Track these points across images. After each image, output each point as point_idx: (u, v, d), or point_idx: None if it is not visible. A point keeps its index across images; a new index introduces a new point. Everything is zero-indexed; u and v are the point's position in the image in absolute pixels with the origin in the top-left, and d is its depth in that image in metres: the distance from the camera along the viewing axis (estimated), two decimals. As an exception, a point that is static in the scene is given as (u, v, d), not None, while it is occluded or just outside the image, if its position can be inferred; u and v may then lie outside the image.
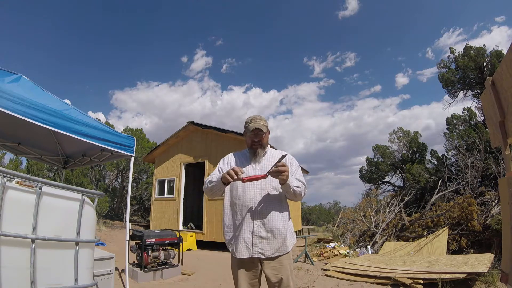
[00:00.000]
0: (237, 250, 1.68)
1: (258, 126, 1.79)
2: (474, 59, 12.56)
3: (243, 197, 1.72)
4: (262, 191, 1.72)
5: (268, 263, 1.68)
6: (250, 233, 1.67)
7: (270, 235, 1.67)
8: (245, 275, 1.71)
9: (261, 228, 1.67)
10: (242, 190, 1.74)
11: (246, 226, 1.68)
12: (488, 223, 6.28)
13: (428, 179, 12.26)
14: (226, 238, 1.78)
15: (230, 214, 1.79)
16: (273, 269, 1.68)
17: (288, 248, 1.74)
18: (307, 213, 29.25)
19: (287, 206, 1.83)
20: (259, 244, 1.65)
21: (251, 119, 1.85)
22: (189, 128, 9.55)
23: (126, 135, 3.79)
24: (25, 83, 3.27)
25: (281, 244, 1.69)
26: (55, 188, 1.80)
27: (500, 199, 2.48)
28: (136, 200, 15.05)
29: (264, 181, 1.72)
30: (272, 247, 1.66)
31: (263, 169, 1.77)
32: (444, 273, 3.95)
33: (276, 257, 1.68)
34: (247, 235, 1.67)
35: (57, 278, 1.71)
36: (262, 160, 1.83)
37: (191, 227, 9.45)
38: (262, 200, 1.71)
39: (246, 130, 1.86)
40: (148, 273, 4.44)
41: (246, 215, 1.69)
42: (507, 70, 1.52)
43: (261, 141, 1.82)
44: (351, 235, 8.27)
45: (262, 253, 1.65)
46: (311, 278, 4.80)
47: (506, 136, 1.62)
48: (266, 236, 1.66)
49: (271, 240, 1.66)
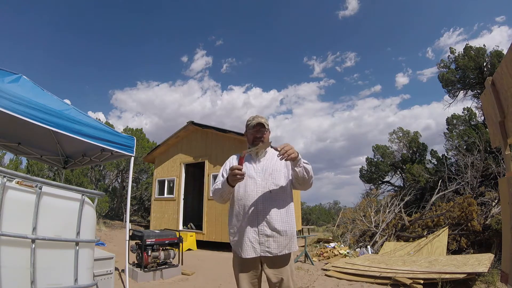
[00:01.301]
0: (242, 251, 1.67)
1: (260, 121, 1.81)
2: (474, 59, 12.56)
3: (245, 197, 1.72)
4: (263, 189, 1.72)
5: (269, 263, 1.68)
6: (255, 232, 1.66)
7: (276, 233, 1.66)
8: (247, 275, 1.71)
9: (266, 227, 1.66)
10: (244, 189, 1.74)
11: (251, 225, 1.68)
12: (488, 223, 6.28)
13: (428, 179, 12.25)
14: (231, 238, 1.78)
15: (233, 214, 1.79)
16: (274, 269, 1.67)
17: (296, 246, 1.74)
18: (307, 213, 29.26)
19: (291, 201, 1.79)
20: (265, 242, 1.65)
21: (253, 117, 1.88)
22: (189, 128, 9.55)
23: (126, 135, 3.79)
24: (25, 83, 3.27)
25: (288, 241, 1.69)
26: (55, 188, 1.80)
27: (500, 199, 2.48)
28: (136, 200, 15.06)
29: (266, 179, 1.73)
30: (279, 245, 1.66)
31: (264, 168, 1.77)
32: (444, 273, 3.95)
33: (282, 256, 1.68)
34: (252, 235, 1.66)
35: (57, 278, 1.71)
36: (262, 160, 1.83)
37: (191, 227, 9.45)
38: (264, 198, 1.70)
39: (247, 128, 1.88)
40: (148, 273, 4.44)
41: (250, 214, 1.69)
42: (507, 70, 1.52)
43: (262, 138, 1.82)
44: (351, 235, 8.26)
45: (269, 251, 1.64)
46: (311, 278, 4.80)
47: (506, 136, 1.62)
48: (272, 234, 1.65)
49: (277, 238, 1.66)
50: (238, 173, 1.58)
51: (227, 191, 1.73)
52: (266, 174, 1.76)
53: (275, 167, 1.78)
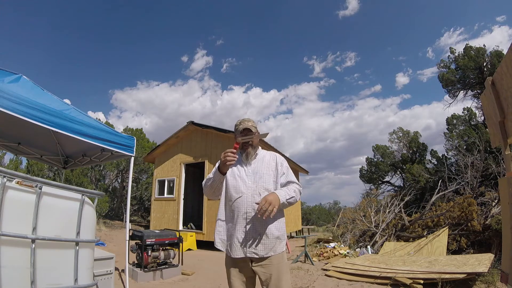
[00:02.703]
0: (231, 250, 1.71)
1: (247, 126, 1.83)
2: (474, 59, 12.57)
3: (236, 198, 1.75)
4: (253, 191, 1.74)
5: (257, 261, 1.71)
6: (243, 233, 1.69)
7: (262, 235, 1.69)
8: (238, 273, 1.74)
9: (252, 229, 1.69)
10: (235, 190, 1.77)
11: (239, 226, 1.71)
12: (488, 223, 6.27)
13: (428, 179, 12.26)
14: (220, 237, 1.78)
15: (223, 214, 1.82)
16: (262, 267, 1.70)
17: (283, 248, 1.75)
18: (307, 213, 29.27)
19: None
20: (252, 244, 1.68)
21: (240, 121, 1.91)
22: (189, 128, 9.55)
23: (126, 135, 3.79)
24: (25, 83, 3.27)
25: (274, 244, 1.71)
26: (55, 188, 1.80)
27: (500, 199, 2.48)
28: (136, 200, 15.06)
29: (256, 182, 1.77)
30: (266, 247, 1.69)
31: (255, 171, 1.80)
32: (444, 273, 3.95)
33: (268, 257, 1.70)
34: (240, 235, 1.69)
35: (57, 278, 1.71)
36: (253, 163, 1.85)
37: (191, 227, 9.45)
38: (253, 200, 1.72)
39: (236, 133, 1.91)
40: (148, 273, 4.44)
41: (239, 215, 1.72)
42: (507, 70, 1.52)
43: (251, 142, 1.85)
44: (351, 235, 8.27)
45: (255, 253, 1.67)
46: (311, 278, 4.80)
47: (506, 136, 1.62)
48: (258, 237, 1.69)
49: (264, 240, 1.69)
50: (229, 155, 1.64)
51: (217, 180, 1.77)
52: (256, 177, 1.78)
53: (264, 171, 1.81)
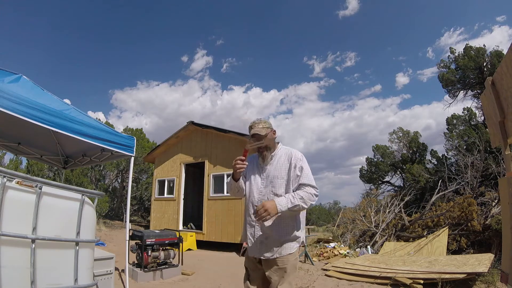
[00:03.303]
0: (249, 248, 1.81)
1: (256, 131, 1.84)
2: (474, 59, 12.56)
3: (248, 201, 1.85)
4: (263, 197, 1.79)
5: (266, 262, 1.75)
6: (253, 235, 1.78)
7: (267, 238, 1.75)
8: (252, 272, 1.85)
9: (259, 232, 1.77)
10: (249, 194, 1.86)
11: (250, 228, 1.80)
12: (488, 223, 6.28)
13: (428, 179, 12.25)
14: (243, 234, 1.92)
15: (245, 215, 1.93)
16: (270, 267, 1.74)
17: (291, 249, 1.76)
18: (307, 213, 29.23)
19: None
20: (259, 245, 1.75)
21: (250, 124, 1.91)
22: (189, 128, 9.55)
23: (126, 135, 3.79)
24: (25, 83, 3.27)
25: (280, 247, 1.74)
26: (55, 188, 1.80)
27: (500, 199, 2.48)
28: (136, 200, 15.05)
29: (266, 185, 1.82)
30: (271, 250, 1.73)
31: (267, 175, 1.84)
32: (444, 273, 3.95)
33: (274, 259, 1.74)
34: (252, 237, 1.79)
35: (57, 278, 1.71)
36: (268, 167, 1.86)
37: (191, 227, 9.45)
38: None
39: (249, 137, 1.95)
40: (148, 273, 4.44)
41: (251, 218, 1.80)
42: (507, 70, 1.52)
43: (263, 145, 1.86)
44: (351, 235, 8.27)
45: (263, 254, 1.74)
46: (311, 278, 4.80)
47: (506, 136, 1.62)
48: (264, 240, 1.75)
49: (270, 243, 1.74)
50: (238, 163, 1.69)
51: (233, 185, 1.86)
52: (267, 181, 1.83)
53: (276, 174, 1.82)
